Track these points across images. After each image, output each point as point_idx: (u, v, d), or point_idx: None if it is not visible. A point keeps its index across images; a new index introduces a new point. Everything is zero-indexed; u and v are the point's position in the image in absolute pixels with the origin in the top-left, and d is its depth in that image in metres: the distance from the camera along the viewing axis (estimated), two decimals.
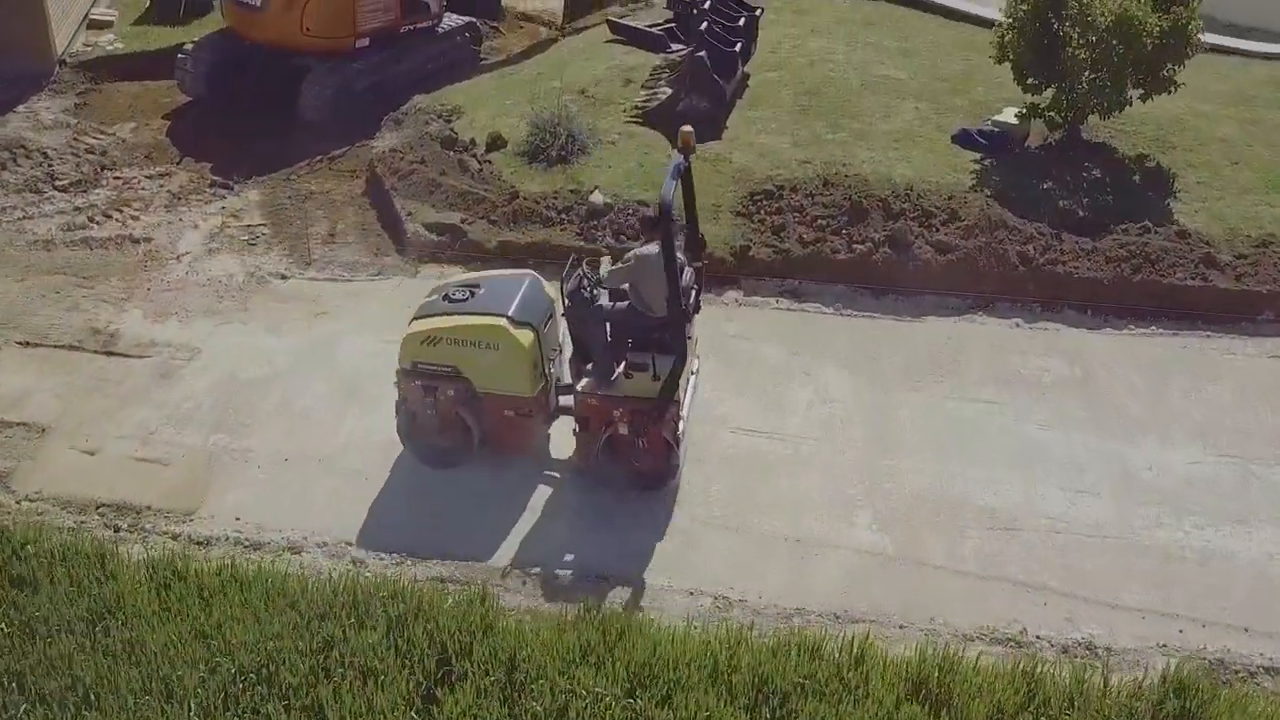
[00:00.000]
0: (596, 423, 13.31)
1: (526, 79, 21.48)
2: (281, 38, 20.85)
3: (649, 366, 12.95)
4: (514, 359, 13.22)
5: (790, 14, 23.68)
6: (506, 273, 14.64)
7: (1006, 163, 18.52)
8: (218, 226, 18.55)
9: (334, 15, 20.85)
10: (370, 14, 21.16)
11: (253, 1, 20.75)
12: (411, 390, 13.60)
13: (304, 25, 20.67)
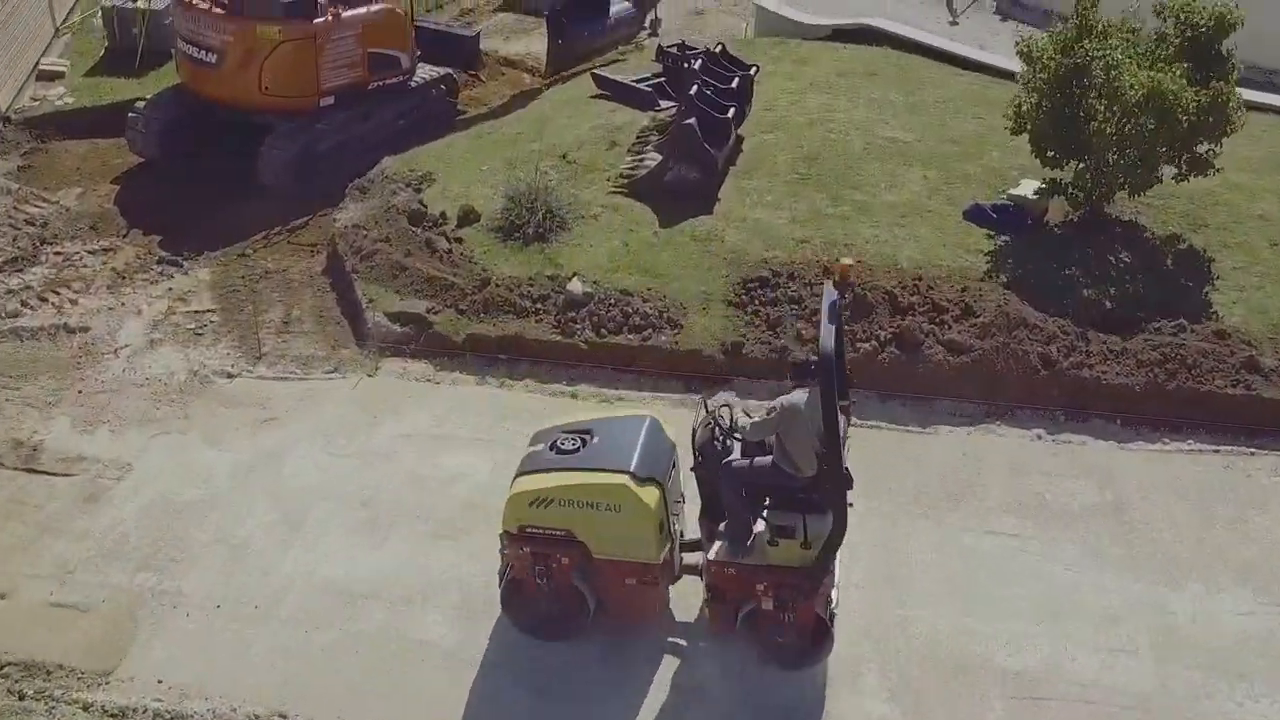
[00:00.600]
0: (733, 594, 11.32)
1: (504, 139, 19.65)
2: (238, 97, 19.03)
3: (798, 530, 11.01)
4: (639, 522, 11.17)
5: (789, 64, 21.85)
6: (620, 415, 12.46)
7: (1024, 242, 16.71)
8: (163, 312, 16.73)
9: (295, 73, 19.01)
10: (335, 71, 19.32)
11: (206, 57, 18.93)
12: (518, 557, 11.52)
13: (262, 84, 18.85)
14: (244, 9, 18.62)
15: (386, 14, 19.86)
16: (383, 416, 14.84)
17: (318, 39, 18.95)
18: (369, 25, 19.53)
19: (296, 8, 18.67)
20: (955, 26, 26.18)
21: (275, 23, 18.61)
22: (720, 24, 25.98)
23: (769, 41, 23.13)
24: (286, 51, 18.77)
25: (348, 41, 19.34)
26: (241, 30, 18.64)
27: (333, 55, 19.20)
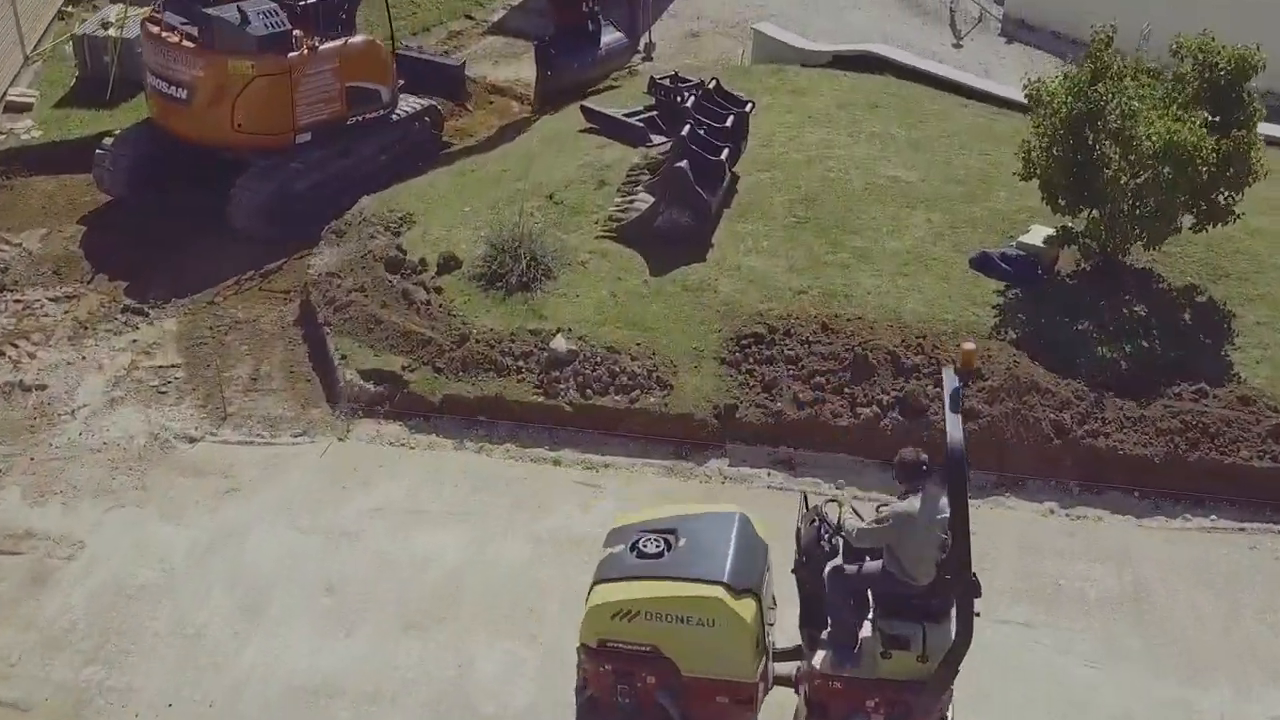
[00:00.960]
0: (838, 709, 10.13)
1: (489, 177, 18.62)
2: (210, 134, 18.02)
3: (915, 642, 9.85)
4: (734, 638, 9.95)
5: (787, 94, 20.81)
6: (706, 511, 10.97)
7: (1034, 294, 15.69)
8: (125, 367, 15.73)
9: (269, 109, 17.98)
10: (311, 107, 18.28)
11: (176, 93, 17.91)
12: (598, 674, 10.26)
13: (235, 121, 17.82)
14: (215, 43, 17.60)
15: (365, 46, 18.85)
16: (352, 487, 13.83)
17: (293, 74, 17.93)
18: (347, 58, 18.51)
19: (270, 41, 17.64)
20: (959, 49, 25.17)
21: (248, 57, 17.59)
22: (717, 47, 24.93)
23: (766, 69, 22.08)
24: (260, 87, 17.75)
25: (325, 76, 18.31)
26: (213, 65, 17.63)
27: (309, 90, 18.17)
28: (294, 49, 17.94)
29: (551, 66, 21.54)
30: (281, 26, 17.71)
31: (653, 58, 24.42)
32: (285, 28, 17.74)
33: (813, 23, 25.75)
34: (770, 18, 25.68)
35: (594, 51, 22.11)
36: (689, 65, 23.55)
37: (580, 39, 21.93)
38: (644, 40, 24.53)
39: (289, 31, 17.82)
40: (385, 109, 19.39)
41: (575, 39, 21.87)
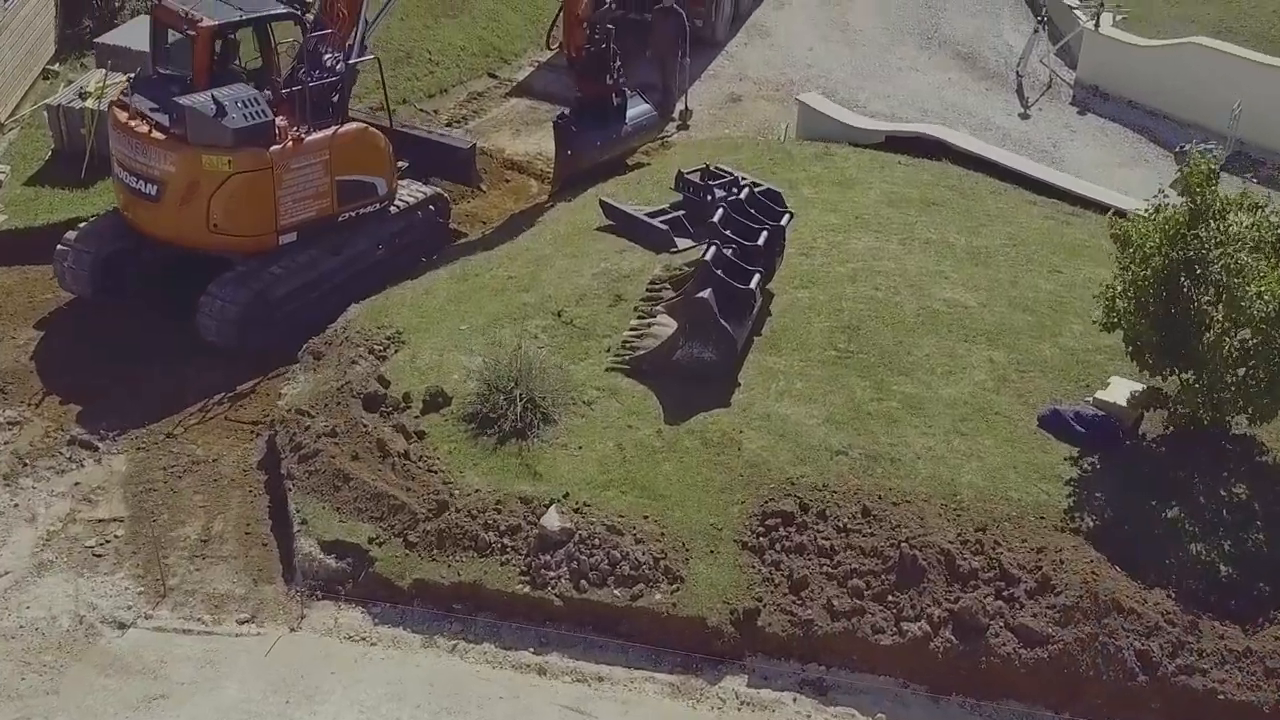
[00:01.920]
0: None
1: (493, 285, 16.14)
2: (182, 235, 15.67)
3: None
4: None
5: (832, 187, 18.20)
6: None
7: (1113, 465, 13.05)
8: (61, 519, 13.43)
9: (249, 208, 15.59)
10: (297, 204, 15.88)
11: (144, 188, 15.57)
12: None
13: (210, 221, 15.45)
14: (188, 135, 15.21)
15: (359, 135, 16.41)
16: (296, 702, 11.44)
17: (275, 169, 15.53)
18: (338, 150, 16.09)
19: (248, 134, 15.25)
20: (1026, 119, 22.44)
21: (224, 151, 15.20)
22: (759, 114, 22.32)
23: (812, 151, 19.47)
24: (238, 184, 15.36)
25: (312, 170, 15.91)
26: (185, 160, 15.26)
27: (294, 187, 15.77)
28: (276, 141, 15.54)
29: (572, 145, 19.08)
30: (261, 117, 15.32)
31: (688, 125, 21.89)
32: (265, 118, 15.36)
33: (866, 86, 23.15)
34: (819, 80, 23.16)
35: (619, 127, 19.61)
36: (726, 137, 21.09)
37: (604, 113, 19.42)
38: (680, 106, 21.99)
39: (270, 122, 15.43)
40: (382, 202, 16.96)
41: (599, 113, 19.37)
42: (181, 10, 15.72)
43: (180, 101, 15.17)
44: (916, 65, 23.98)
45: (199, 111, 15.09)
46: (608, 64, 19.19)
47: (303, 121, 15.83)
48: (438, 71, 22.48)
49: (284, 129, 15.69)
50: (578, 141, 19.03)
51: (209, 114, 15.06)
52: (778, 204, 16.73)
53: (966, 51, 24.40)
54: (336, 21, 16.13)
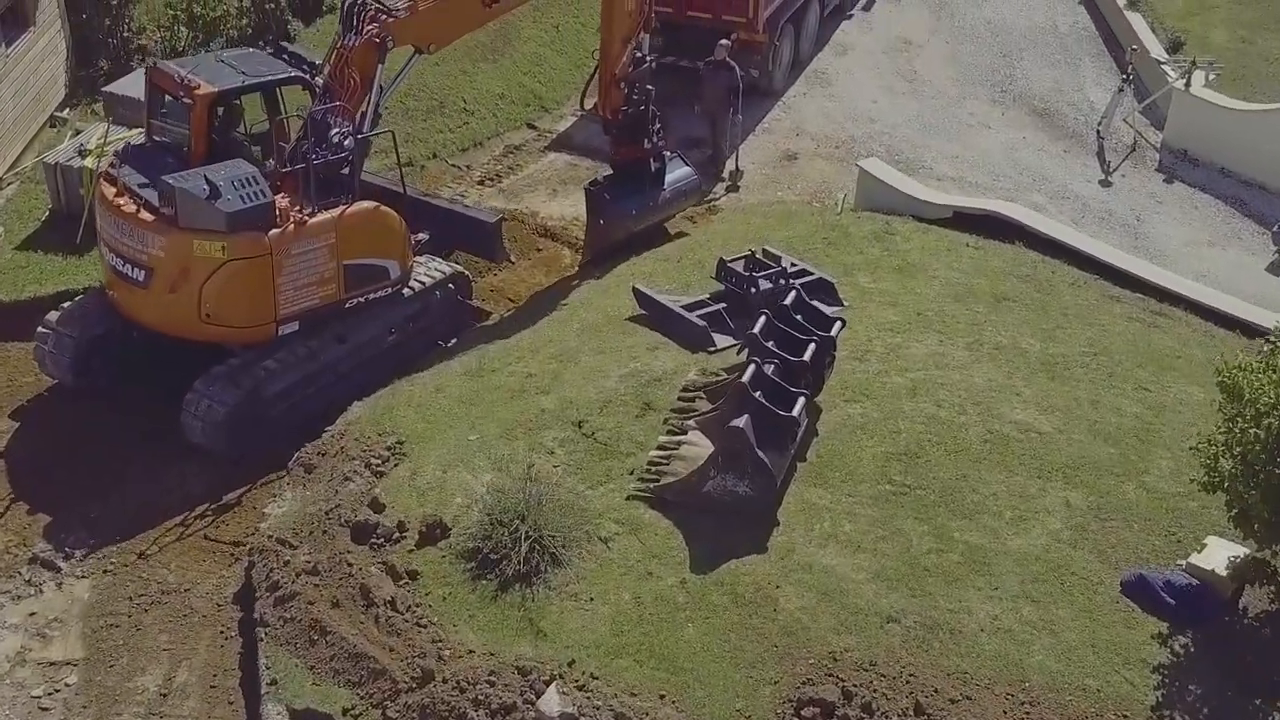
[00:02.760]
0: None
1: (510, 385, 14.31)
2: (172, 324, 14.03)
3: None
4: None
5: (891, 274, 16.19)
6: None
7: (1209, 646, 11.01)
8: (10, 658, 11.80)
9: (245, 297, 13.90)
10: (298, 292, 14.18)
11: (132, 273, 13.92)
12: None
13: (203, 310, 13.77)
14: (178, 217, 13.53)
15: (369, 216, 14.64)
16: None
17: (274, 255, 13.82)
18: (347, 232, 14.36)
19: (245, 218, 13.54)
20: (1108, 187, 20.28)
21: (218, 237, 13.50)
22: (817, 175, 20.33)
23: (871, 228, 17.45)
24: (233, 272, 13.66)
25: (316, 255, 14.20)
26: (176, 245, 13.60)
27: (295, 273, 14.08)
28: (276, 224, 13.82)
29: (605, 214, 17.28)
30: (259, 198, 13.60)
31: (739, 187, 19.95)
32: (263, 199, 13.64)
33: (932, 144, 21.09)
34: (882, 136, 21.14)
35: (657, 193, 17.77)
36: (779, 203, 19.15)
37: (641, 179, 17.59)
38: (730, 166, 20.07)
39: (269, 204, 13.70)
40: (395, 285, 15.20)
41: (635, 179, 17.54)
42: (178, 75, 14.06)
43: (170, 181, 13.48)
44: (989, 122, 21.87)
45: (190, 193, 13.40)
46: (647, 126, 17.32)
47: (307, 200, 14.09)
48: (473, 122, 20.68)
49: (285, 210, 13.95)
50: (611, 211, 17.22)
51: (201, 195, 13.37)
52: (829, 296, 14.85)
53: (1043, 107, 22.25)
54: (348, 89, 14.37)
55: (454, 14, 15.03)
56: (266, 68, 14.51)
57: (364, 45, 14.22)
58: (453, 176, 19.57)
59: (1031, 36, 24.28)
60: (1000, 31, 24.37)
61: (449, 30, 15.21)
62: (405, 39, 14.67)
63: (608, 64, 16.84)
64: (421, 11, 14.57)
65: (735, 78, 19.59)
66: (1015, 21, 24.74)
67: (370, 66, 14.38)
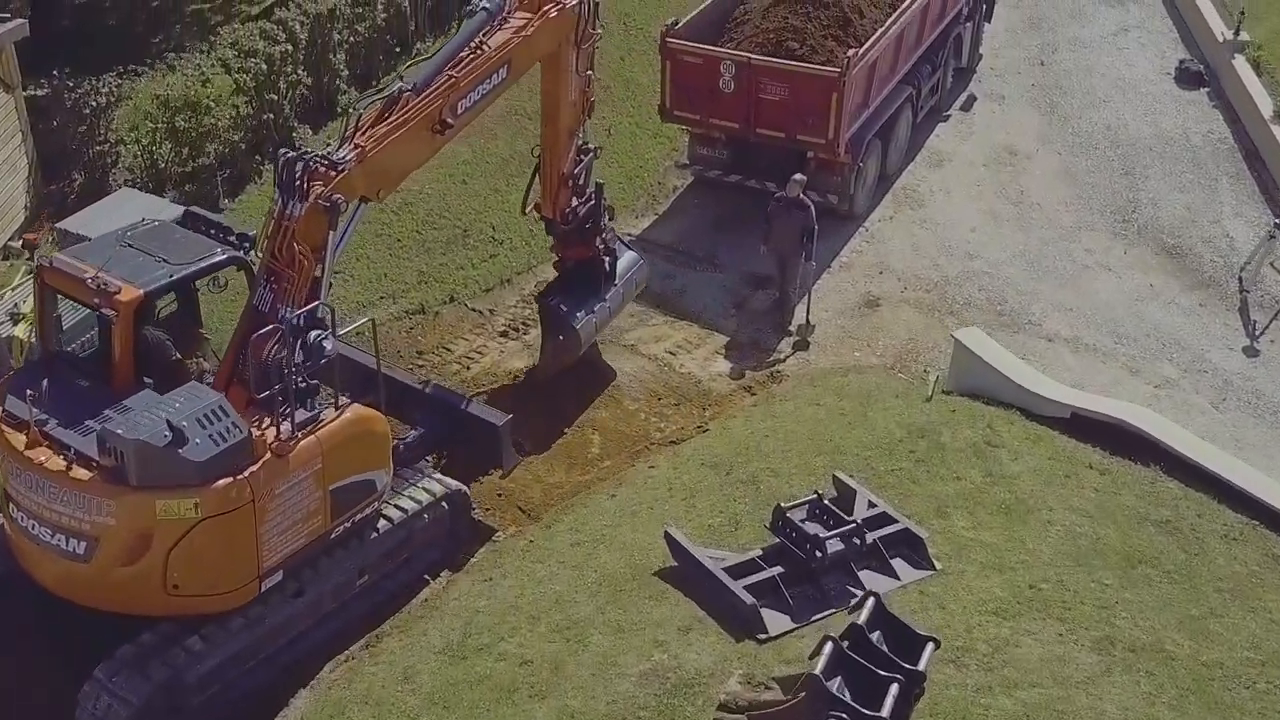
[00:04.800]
0: None
1: (496, 680, 10.69)
2: (125, 601, 10.58)
3: None
4: None
5: (996, 515, 12.34)
6: None
7: None
8: None
9: (224, 557, 10.49)
10: (284, 535, 10.77)
11: (64, 545, 10.40)
12: None
13: (168, 582, 10.30)
14: (133, 474, 9.99)
15: (356, 427, 11.16)
16: None
17: (257, 500, 10.38)
18: (334, 450, 10.96)
19: (221, 463, 10.11)
20: (1254, 357, 16.23)
21: (188, 492, 10.04)
22: (901, 328, 16.48)
23: (970, 435, 13.58)
24: (209, 530, 10.21)
25: (302, 487, 10.83)
26: (129, 509, 10.12)
27: (280, 515, 10.70)
28: (253, 459, 10.33)
29: (563, 328, 14.22)
30: (234, 434, 10.16)
31: (808, 344, 16.15)
32: (240, 435, 10.19)
33: (1042, 291, 17.20)
34: (981, 278, 17.33)
35: (611, 289, 14.74)
36: (855, 370, 15.38)
37: (593, 279, 14.52)
38: (799, 317, 16.32)
39: (246, 439, 10.23)
40: (379, 499, 11.72)
41: (586, 281, 14.50)
42: (85, 274, 10.60)
43: (115, 430, 9.98)
44: (1108, 261, 17.86)
45: (148, 444, 9.89)
46: (598, 222, 14.23)
47: (288, 421, 10.59)
48: (501, 254, 17.10)
49: (261, 440, 10.44)
50: (569, 323, 14.23)
51: (160, 444, 9.87)
52: (917, 554, 11.12)
53: (1174, 244, 18.16)
54: (297, 268, 10.76)
55: (405, 150, 11.52)
56: (193, 251, 11.09)
57: (311, 213, 10.68)
58: (472, 325, 16.01)
59: (1159, 149, 20.15)
60: (1121, 141, 20.27)
61: (400, 170, 11.74)
62: (357, 192, 11.16)
63: (554, 162, 13.83)
64: (372, 156, 11.05)
65: (810, 218, 15.85)
66: (1139, 129, 20.61)
67: (320, 235, 10.85)
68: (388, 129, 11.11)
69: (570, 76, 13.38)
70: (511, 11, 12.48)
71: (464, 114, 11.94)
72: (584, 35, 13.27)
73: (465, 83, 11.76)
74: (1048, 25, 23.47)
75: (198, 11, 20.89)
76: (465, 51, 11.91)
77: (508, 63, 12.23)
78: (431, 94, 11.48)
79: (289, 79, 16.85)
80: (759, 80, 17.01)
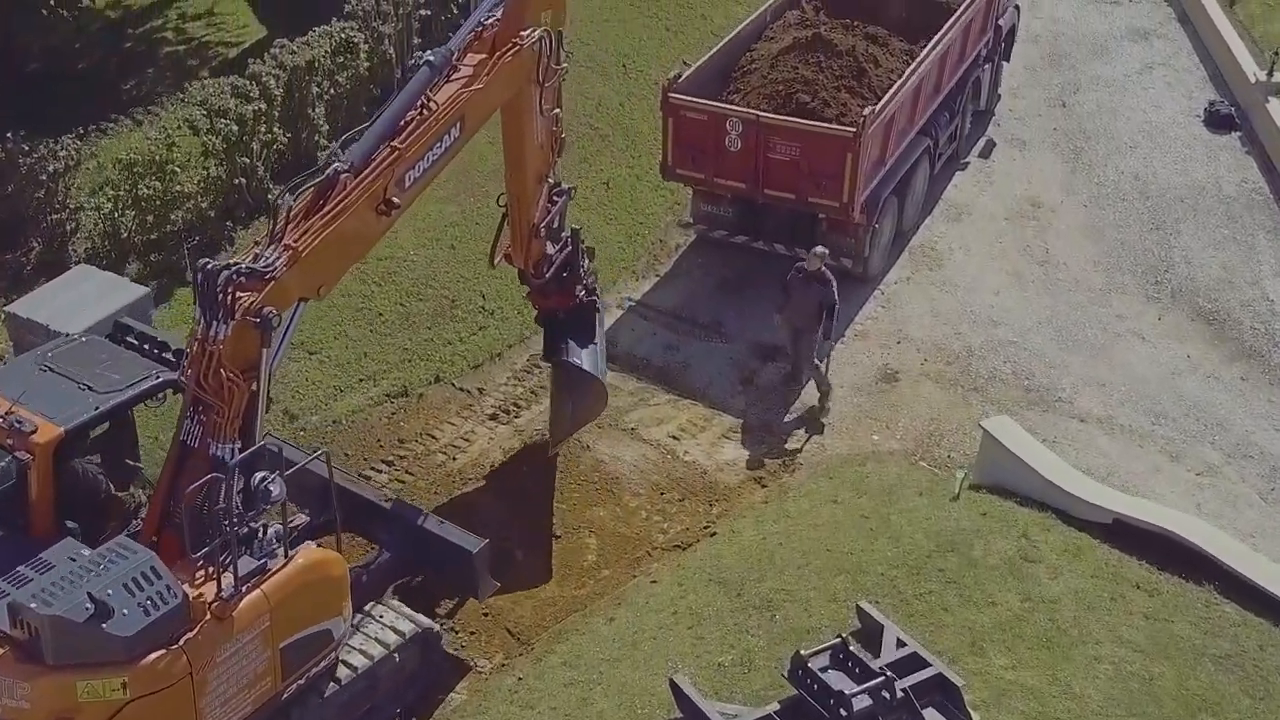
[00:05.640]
0: None
1: None
2: None
3: None
4: None
5: (1036, 650, 10.92)
6: None
7: None
8: None
9: None
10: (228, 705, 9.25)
11: None
12: None
13: None
14: (49, 652, 8.48)
15: (309, 574, 9.67)
16: None
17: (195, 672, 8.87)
18: (283, 605, 9.43)
19: (152, 634, 8.60)
20: None
21: (114, 670, 8.54)
22: (923, 407, 15.02)
23: (1004, 548, 12.16)
24: (140, 712, 8.65)
25: (248, 649, 9.28)
26: (48, 692, 8.57)
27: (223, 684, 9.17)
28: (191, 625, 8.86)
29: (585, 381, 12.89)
30: (167, 600, 8.64)
31: (823, 426, 14.69)
32: (173, 600, 8.67)
33: (1071, 364, 15.78)
34: (1007, 348, 15.94)
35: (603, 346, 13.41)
36: (874, 457, 13.96)
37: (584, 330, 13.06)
38: (813, 394, 14.87)
39: (182, 603, 8.74)
40: (338, 648, 10.24)
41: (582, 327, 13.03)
42: None
43: (27, 604, 8.50)
44: (1141, 329, 16.39)
45: (65, 620, 8.41)
46: (578, 271, 12.79)
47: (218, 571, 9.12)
48: (491, 326, 15.64)
49: (198, 600, 8.97)
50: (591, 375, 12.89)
51: (80, 619, 8.40)
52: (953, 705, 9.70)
53: (1211, 308, 16.69)
54: (226, 395, 9.19)
55: (346, 241, 9.74)
56: (124, 374, 9.64)
57: (238, 332, 9.07)
58: (459, 406, 14.56)
59: (1190, 200, 18.67)
60: (1151, 192, 18.80)
61: (342, 263, 9.99)
62: (292, 299, 9.50)
63: (522, 212, 12.07)
64: (306, 257, 9.34)
65: (831, 294, 14.41)
66: (1168, 178, 19.13)
67: (252, 355, 9.23)
68: (323, 221, 9.37)
69: (535, 118, 11.55)
70: (462, 57, 10.69)
71: (413, 187, 10.15)
72: (548, 72, 11.47)
73: (412, 152, 9.97)
74: (1069, 62, 21.97)
75: (172, 54, 19.42)
76: (410, 114, 10.09)
77: (460, 120, 10.41)
78: (373, 171, 9.70)
79: (263, 139, 15.35)
80: (768, 139, 15.55)
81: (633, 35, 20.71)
